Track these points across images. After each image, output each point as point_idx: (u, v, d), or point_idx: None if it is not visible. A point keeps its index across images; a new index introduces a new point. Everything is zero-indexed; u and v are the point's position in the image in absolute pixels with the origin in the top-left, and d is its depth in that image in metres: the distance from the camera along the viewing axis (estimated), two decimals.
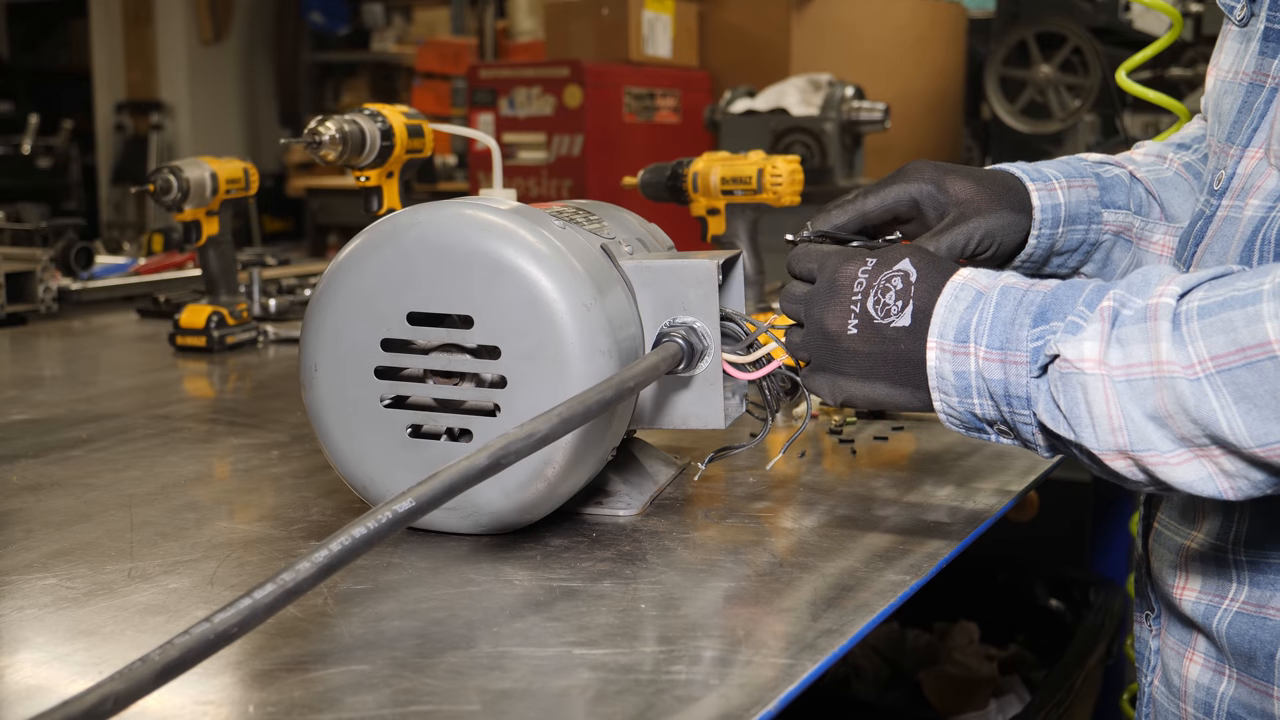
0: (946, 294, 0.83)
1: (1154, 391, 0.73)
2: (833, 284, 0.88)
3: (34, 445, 1.24)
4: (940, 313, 0.82)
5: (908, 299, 0.84)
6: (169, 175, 1.71)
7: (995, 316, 0.80)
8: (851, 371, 0.86)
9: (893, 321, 0.84)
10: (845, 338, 0.86)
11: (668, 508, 1.02)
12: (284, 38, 8.00)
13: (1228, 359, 0.70)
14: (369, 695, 0.68)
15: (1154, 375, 0.73)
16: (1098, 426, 0.75)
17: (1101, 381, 0.74)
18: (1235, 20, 0.96)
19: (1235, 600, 0.89)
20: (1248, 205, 0.89)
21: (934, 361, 0.82)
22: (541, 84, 3.51)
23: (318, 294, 0.94)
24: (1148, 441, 0.74)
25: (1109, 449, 0.75)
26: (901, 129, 3.72)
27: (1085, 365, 0.75)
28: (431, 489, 0.69)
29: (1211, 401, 0.70)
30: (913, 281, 0.85)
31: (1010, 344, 0.79)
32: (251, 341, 1.84)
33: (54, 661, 0.74)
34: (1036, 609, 2.20)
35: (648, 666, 0.72)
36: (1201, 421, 0.71)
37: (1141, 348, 0.73)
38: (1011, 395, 0.79)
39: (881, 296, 0.85)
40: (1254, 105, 0.91)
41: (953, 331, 0.81)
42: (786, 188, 1.59)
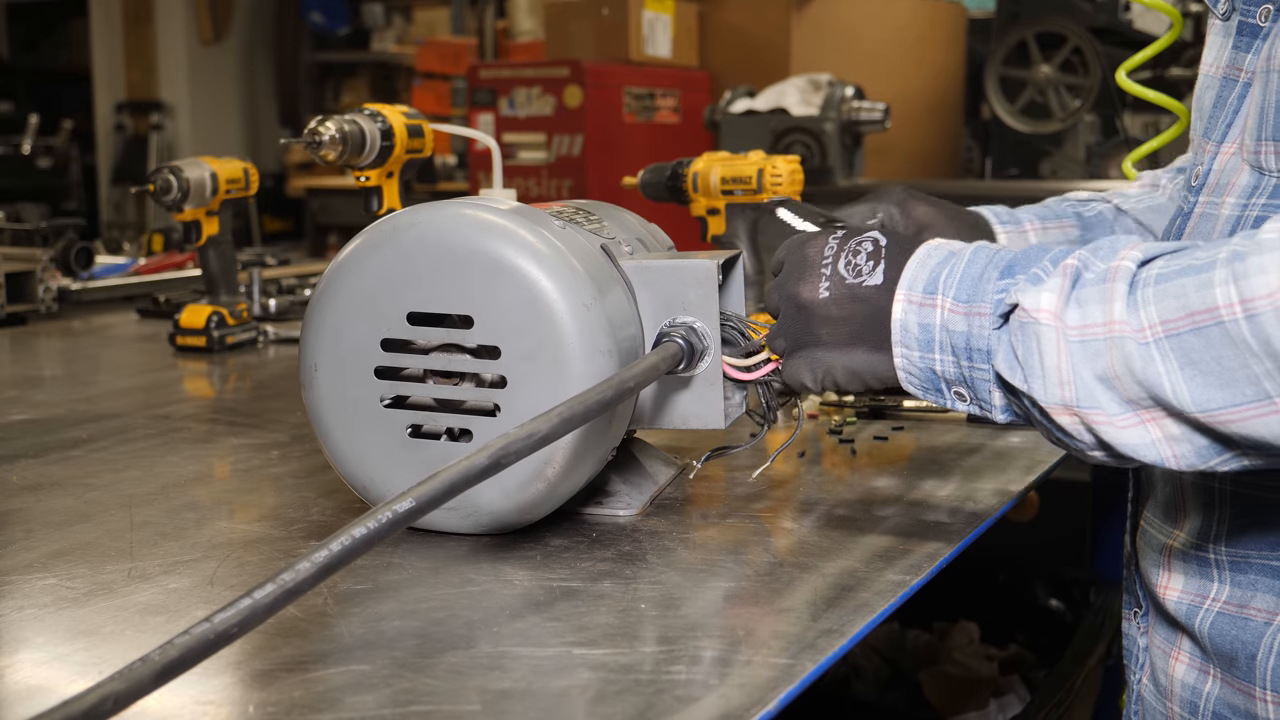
0: (919, 253, 0.83)
1: (1105, 353, 0.73)
2: (803, 258, 0.88)
3: (34, 445, 1.24)
4: (911, 267, 0.82)
5: (879, 259, 0.84)
6: (169, 175, 1.71)
7: (966, 271, 0.80)
8: (829, 340, 0.85)
9: (864, 280, 0.84)
10: (818, 304, 0.85)
11: (668, 508, 1.02)
12: (284, 38, 8.00)
13: (1176, 324, 0.70)
14: (369, 695, 0.68)
15: (1106, 336, 0.73)
16: (1048, 378, 0.75)
17: (1055, 334, 0.74)
18: (1218, 14, 0.96)
19: (1216, 600, 0.89)
20: (1224, 203, 0.89)
21: (899, 314, 0.81)
22: (541, 84, 3.51)
23: (318, 294, 0.94)
24: (1094, 400, 0.74)
25: (1056, 402, 0.75)
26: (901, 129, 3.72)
27: (1041, 315, 0.75)
28: (431, 489, 0.69)
29: (1158, 365, 0.71)
30: (882, 245, 0.85)
31: (976, 296, 0.79)
32: (251, 341, 1.84)
33: (54, 661, 0.74)
34: (1036, 609, 2.20)
35: (648, 666, 0.72)
36: (1147, 384, 0.71)
37: (1097, 308, 0.73)
38: (972, 348, 0.79)
39: (853, 258, 0.85)
40: (1228, 100, 0.91)
41: (922, 284, 0.81)
42: (786, 188, 1.59)
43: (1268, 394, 0.68)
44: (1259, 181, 0.86)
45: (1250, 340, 0.68)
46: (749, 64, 3.84)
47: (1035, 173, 3.81)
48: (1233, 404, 0.69)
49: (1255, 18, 0.90)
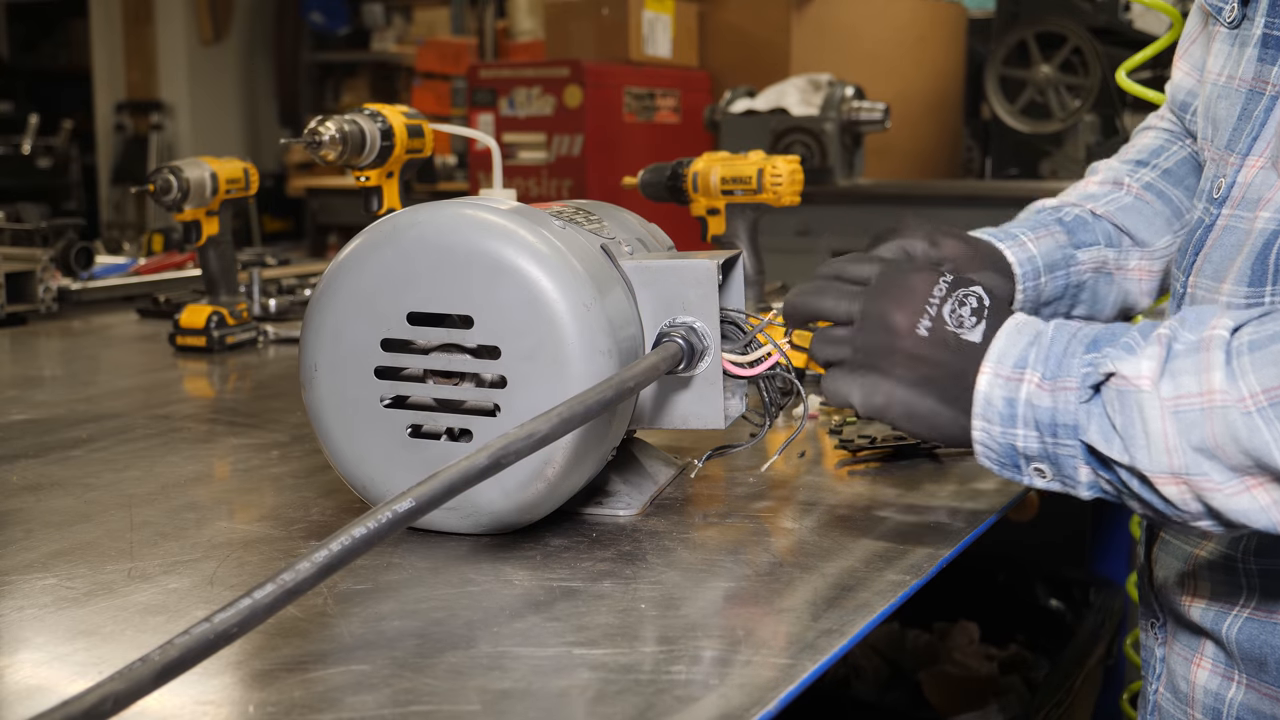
0: (1008, 326, 0.82)
1: (1203, 423, 0.72)
2: (908, 286, 0.85)
3: (34, 445, 1.24)
4: (1000, 342, 0.81)
5: (982, 317, 0.82)
6: (169, 175, 1.71)
7: (1050, 350, 0.79)
8: (904, 375, 0.83)
9: (964, 334, 0.82)
10: (911, 336, 0.83)
11: (668, 508, 1.02)
12: (284, 38, 8.00)
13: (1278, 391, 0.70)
14: (369, 695, 0.68)
15: (1204, 406, 0.72)
16: (1153, 447, 0.73)
17: (1158, 400, 0.73)
18: (1225, 22, 0.95)
19: (1245, 607, 0.89)
20: (1257, 218, 0.88)
21: (984, 386, 0.80)
22: (541, 84, 3.51)
23: (318, 294, 0.94)
24: (1201, 469, 0.72)
25: (1163, 471, 0.74)
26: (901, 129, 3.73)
27: (1142, 383, 0.74)
28: (431, 489, 0.69)
29: (1264, 434, 0.70)
30: (986, 304, 0.83)
31: (1062, 372, 0.77)
32: (251, 341, 1.84)
33: (54, 661, 0.74)
34: (1036, 609, 2.20)
35: (648, 666, 0.72)
36: (1254, 453, 0.70)
37: (1192, 379, 0.72)
38: (1058, 424, 0.77)
39: (958, 307, 0.83)
40: (1254, 113, 0.90)
41: (1011, 360, 0.80)
42: (786, 188, 1.59)
43: None
44: None
45: None
46: (749, 64, 3.84)
47: (1035, 173, 3.82)
48: None
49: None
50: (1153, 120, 1.22)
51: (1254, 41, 0.91)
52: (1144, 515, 0.79)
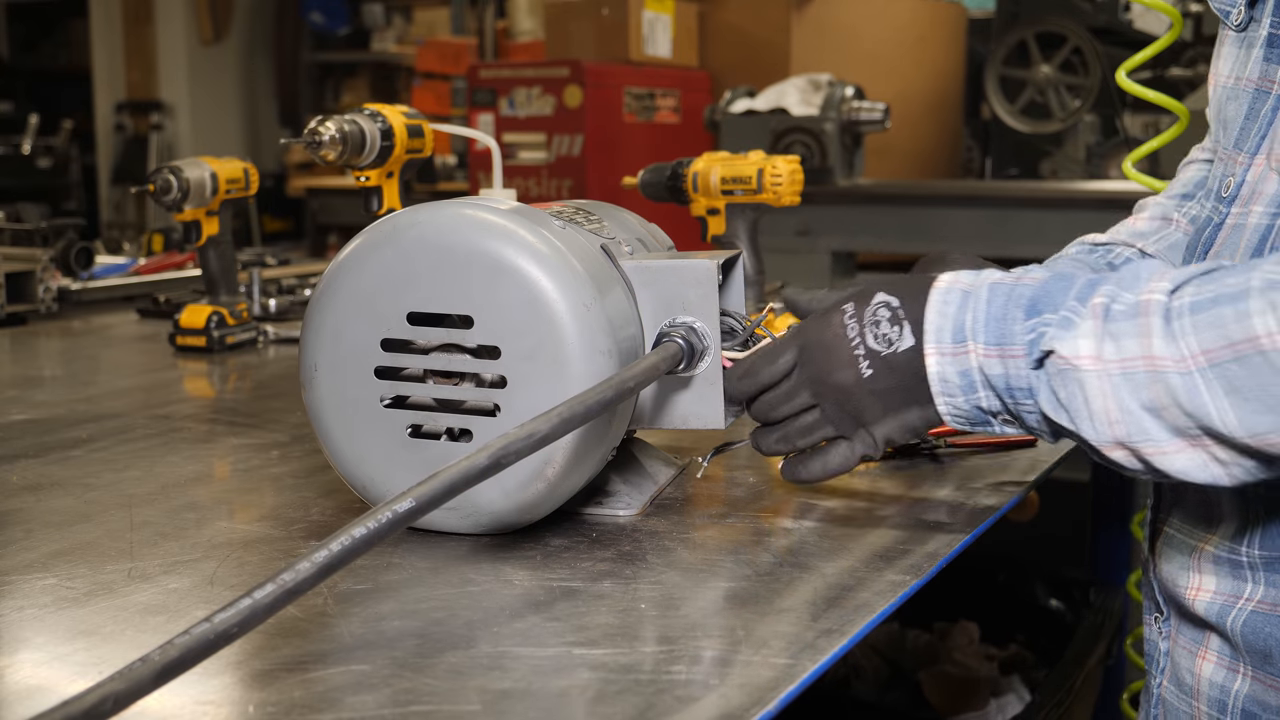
0: (934, 300, 0.84)
1: (1148, 385, 0.75)
2: (825, 343, 0.88)
3: (34, 445, 1.24)
4: (932, 318, 0.83)
5: (899, 321, 0.85)
6: (169, 175, 1.71)
7: (988, 313, 0.82)
8: (879, 413, 0.87)
9: (897, 347, 0.85)
10: (863, 383, 0.86)
11: (668, 508, 1.02)
12: (284, 38, 8.00)
13: (1218, 353, 0.72)
14: (369, 695, 0.68)
15: (1147, 369, 0.75)
16: (1095, 420, 0.77)
17: (1097, 378, 0.76)
18: (1232, 25, 0.96)
19: (1250, 600, 0.89)
20: (1252, 212, 0.89)
21: (935, 368, 0.83)
22: (541, 84, 3.51)
23: (318, 294, 0.94)
24: (1145, 432, 0.76)
25: (1107, 440, 0.77)
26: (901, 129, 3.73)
27: (1081, 362, 0.77)
28: (431, 489, 0.69)
29: (1203, 394, 0.73)
30: (896, 306, 0.85)
31: (1006, 338, 0.80)
32: (251, 341, 1.84)
33: (54, 661, 0.74)
34: (1036, 609, 2.20)
35: (648, 666, 0.72)
36: (1194, 414, 0.73)
37: (1134, 342, 0.75)
38: (1014, 388, 0.81)
39: (875, 329, 0.86)
40: (1261, 112, 0.91)
41: (949, 334, 0.83)
42: (786, 188, 1.59)
43: None
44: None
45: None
46: (749, 64, 3.84)
47: (1035, 173, 3.82)
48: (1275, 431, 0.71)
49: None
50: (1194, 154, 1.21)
51: (1260, 42, 0.92)
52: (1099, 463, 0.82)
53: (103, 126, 7.68)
